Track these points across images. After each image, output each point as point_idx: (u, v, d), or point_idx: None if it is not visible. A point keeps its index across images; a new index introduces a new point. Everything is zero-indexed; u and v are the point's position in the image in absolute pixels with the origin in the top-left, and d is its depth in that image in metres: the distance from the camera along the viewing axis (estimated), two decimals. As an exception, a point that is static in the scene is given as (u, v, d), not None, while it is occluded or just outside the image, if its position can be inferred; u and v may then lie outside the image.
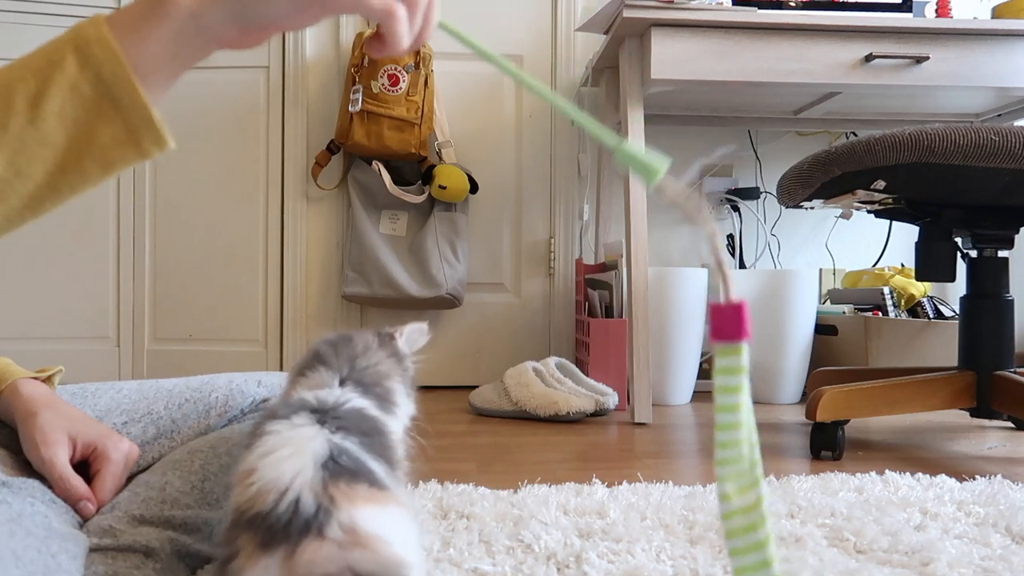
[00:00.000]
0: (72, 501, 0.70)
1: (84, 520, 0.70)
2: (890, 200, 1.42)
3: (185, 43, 0.49)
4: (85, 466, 0.74)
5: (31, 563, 0.55)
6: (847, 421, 1.38)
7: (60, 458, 0.71)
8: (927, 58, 1.76)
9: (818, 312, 2.11)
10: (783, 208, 2.34)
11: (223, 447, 0.82)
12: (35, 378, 0.80)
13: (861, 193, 1.37)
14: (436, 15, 0.55)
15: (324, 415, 0.52)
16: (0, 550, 0.53)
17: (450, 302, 2.20)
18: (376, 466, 0.50)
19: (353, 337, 0.66)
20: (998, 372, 1.38)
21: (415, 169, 2.23)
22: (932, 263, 1.41)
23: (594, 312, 2.02)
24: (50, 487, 0.70)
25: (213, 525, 0.74)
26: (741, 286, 2.07)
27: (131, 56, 0.47)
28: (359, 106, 2.09)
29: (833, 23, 1.74)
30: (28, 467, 0.73)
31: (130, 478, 0.77)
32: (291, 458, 0.46)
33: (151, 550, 0.66)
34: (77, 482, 0.71)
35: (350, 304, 2.30)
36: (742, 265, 2.39)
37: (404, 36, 0.53)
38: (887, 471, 1.15)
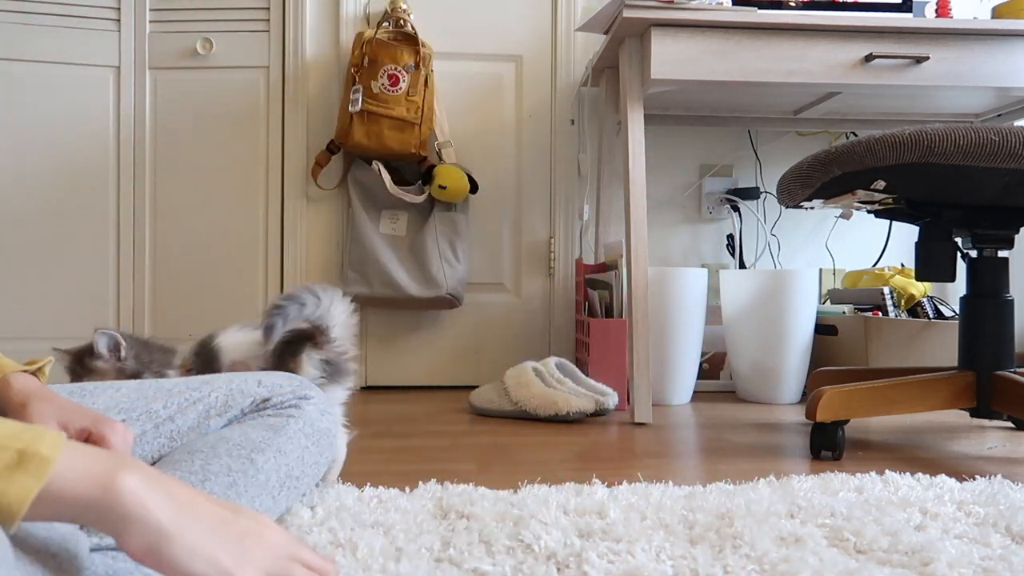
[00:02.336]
0: None
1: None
2: (890, 200, 1.42)
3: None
4: None
5: (31, 563, 0.55)
6: (847, 421, 1.37)
7: None
8: (927, 58, 1.76)
9: (818, 312, 2.11)
10: (783, 208, 2.34)
11: (223, 447, 0.82)
12: (25, 371, 0.80)
13: (861, 193, 1.36)
14: None
15: None
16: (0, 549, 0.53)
17: (450, 302, 2.20)
18: None
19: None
20: (998, 372, 1.38)
21: (415, 169, 2.23)
22: (932, 263, 1.41)
23: (594, 312, 2.02)
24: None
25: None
26: (741, 286, 2.07)
27: (37, 507, 0.48)
28: (359, 106, 2.09)
29: (833, 23, 1.74)
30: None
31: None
32: None
33: (151, 550, 0.66)
34: None
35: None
36: (742, 265, 2.39)
37: None
38: (887, 471, 1.15)
